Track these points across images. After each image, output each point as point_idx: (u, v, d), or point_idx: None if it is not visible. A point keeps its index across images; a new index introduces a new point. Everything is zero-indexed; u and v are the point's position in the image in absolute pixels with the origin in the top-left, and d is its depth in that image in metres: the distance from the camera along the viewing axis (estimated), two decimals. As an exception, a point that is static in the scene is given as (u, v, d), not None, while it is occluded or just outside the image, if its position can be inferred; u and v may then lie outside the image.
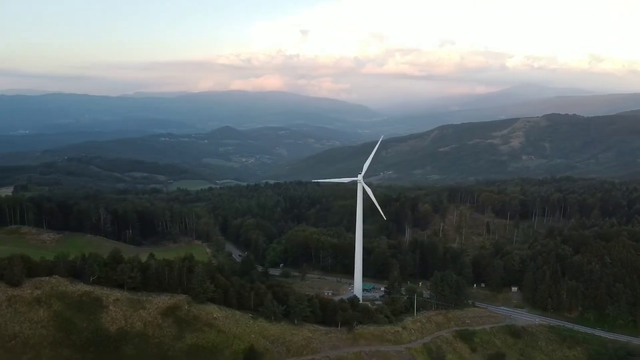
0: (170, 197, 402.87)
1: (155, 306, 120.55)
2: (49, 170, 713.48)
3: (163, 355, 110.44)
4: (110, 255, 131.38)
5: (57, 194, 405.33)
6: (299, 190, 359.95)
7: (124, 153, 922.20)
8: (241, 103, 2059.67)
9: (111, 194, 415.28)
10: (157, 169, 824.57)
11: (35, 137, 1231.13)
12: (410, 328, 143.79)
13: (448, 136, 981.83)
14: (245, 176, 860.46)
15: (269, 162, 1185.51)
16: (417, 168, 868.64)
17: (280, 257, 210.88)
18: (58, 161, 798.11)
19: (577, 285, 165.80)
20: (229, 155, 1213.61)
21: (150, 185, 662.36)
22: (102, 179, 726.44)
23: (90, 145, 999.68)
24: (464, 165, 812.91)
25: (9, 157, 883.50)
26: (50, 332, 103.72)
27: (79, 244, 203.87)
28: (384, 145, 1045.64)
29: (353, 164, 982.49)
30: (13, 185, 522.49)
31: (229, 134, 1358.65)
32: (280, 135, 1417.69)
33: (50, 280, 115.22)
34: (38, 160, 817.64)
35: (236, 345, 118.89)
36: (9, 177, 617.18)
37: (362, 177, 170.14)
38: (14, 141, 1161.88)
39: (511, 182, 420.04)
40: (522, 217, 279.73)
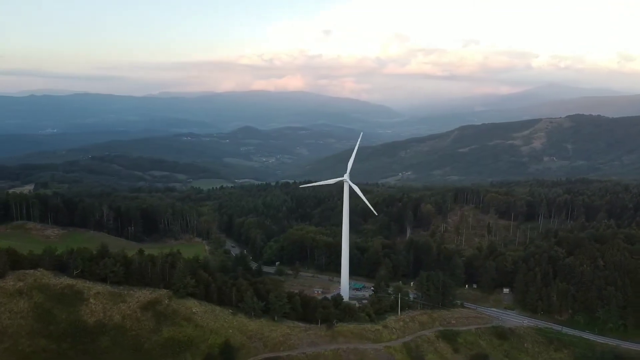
0: (183, 195, 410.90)
1: (136, 300, 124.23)
2: (72, 168, 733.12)
3: (139, 348, 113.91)
4: (98, 250, 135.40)
5: (74, 191, 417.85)
6: (307, 189, 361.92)
7: (146, 152, 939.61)
8: (263, 103, 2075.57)
9: (124, 191, 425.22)
10: (177, 168, 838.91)
11: (62, 136, 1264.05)
12: (391, 327, 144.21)
13: (468, 137, 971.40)
14: (264, 176, 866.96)
15: (290, 162, 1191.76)
16: (436, 169, 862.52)
17: (276, 255, 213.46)
18: (81, 160, 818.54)
19: (568, 288, 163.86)
20: (249, 154, 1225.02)
21: (170, 184, 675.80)
22: (123, 177, 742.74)
23: (114, 144, 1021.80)
24: (483, 166, 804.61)
25: (36, 156, 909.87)
26: (29, 323, 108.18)
27: (81, 239, 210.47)
28: (404, 145, 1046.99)
29: (372, 164, 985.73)
30: (36, 182, 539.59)
31: (250, 133, 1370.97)
32: (301, 135, 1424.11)
33: (35, 273, 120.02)
34: (63, 158, 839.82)
35: (212, 339, 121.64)
36: (33, 175, 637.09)
37: (348, 176, 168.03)
38: (41, 140, 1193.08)
39: (525, 184, 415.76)
40: (529, 219, 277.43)
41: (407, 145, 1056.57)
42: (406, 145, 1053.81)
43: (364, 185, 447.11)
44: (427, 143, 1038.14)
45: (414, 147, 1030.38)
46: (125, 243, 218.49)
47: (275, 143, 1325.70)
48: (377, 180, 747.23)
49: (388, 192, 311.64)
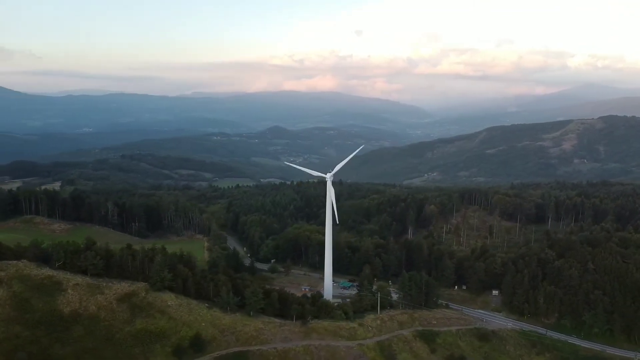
0: (199, 193, 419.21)
1: (114, 292, 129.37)
2: (101, 166, 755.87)
3: (110, 337, 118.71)
4: (84, 243, 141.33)
5: (96, 188, 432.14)
6: (318, 189, 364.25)
7: (177, 151, 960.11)
8: (293, 103, 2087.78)
9: (144, 189, 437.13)
10: (204, 166, 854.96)
11: (97, 135, 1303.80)
12: (367, 325, 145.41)
13: (497, 138, 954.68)
14: (290, 175, 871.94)
15: (317, 162, 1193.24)
16: (463, 170, 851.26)
17: (272, 253, 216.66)
18: (111, 158, 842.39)
19: (555, 291, 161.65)
20: (277, 154, 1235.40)
21: (196, 182, 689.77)
22: (151, 175, 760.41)
23: (146, 143, 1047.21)
24: (511, 168, 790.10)
25: (71, 154, 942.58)
26: (6, 311, 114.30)
27: (85, 234, 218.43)
28: (430, 146, 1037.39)
29: (398, 165, 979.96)
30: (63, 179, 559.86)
31: (279, 133, 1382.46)
32: (329, 135, 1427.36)
33: (17, 264, 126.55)
34: (96, 156, 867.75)
35: (184, 332, 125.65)
36: (64, 172, 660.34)
37: (332, 175, 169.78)
38: (78, 139, 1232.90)
39: (546, 186, 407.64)
40: (538, 221, 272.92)
41: (434, 146, 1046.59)
42: (433, 146, 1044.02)
43: (379, 185, 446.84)
44: (454, 144, 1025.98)
45: (441, 148, 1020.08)
46: (128, 238, 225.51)
47: (304, 143, 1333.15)
48: (402, 181, 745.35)
49: (394, 193, 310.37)
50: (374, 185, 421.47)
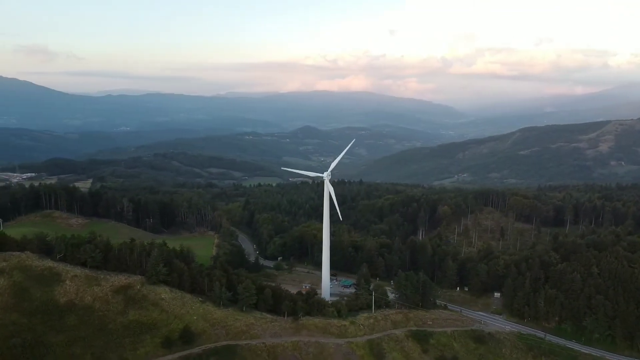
0: (222, 191, 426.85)
1: (110, 284, 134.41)
2: (134, 164, 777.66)
3: (103, 328, 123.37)
4: (87, 237, 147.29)
5: (124, 185, 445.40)
6: (337, 188, 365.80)
7: (209, 150, 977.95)
8: (326, 103, 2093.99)
9: (170, 186, 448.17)
10: (234, 165, 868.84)
11: (134, 134, 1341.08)
12: (360, 324, 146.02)
13: (530, 139, 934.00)
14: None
15: (347, 162, 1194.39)
16: (494, 171, 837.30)
17: (279, 251, 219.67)
18: (144, 156, 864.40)
19: (556, 295, 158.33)
20: (308, 154, 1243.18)
21: (226, 181, 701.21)
22: (182, 173, 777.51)
23: (180, 142, 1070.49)
24: (544, 170, 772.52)
25: (107, 152, 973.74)
26: (4, 299, 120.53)
27: (101, 229, 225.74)
28: (462, 147, 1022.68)
29: (428, 165, 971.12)
30: (94, 177, 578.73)
31: (311, 133, 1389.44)
32: (361, 135, 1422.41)
33: (20, 255, 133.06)
34: (131, 155, 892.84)
35: (175, 324, 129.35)
36: (98, 170, 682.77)
37: (329, 174, 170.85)
38: (115, 137, 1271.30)
39: (574, 188, 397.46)
40: (557, 224, 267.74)
41: (466, 146, 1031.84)
42: (465, 147, 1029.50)
43: (401, 185, 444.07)
44: (486, 145, 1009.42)
45: (473, 148, 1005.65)
46: (142, 234, 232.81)
47: (335, 143, 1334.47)
48: (432, 182, 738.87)
49: (410, 193, 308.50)
50: (395, 185, 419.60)
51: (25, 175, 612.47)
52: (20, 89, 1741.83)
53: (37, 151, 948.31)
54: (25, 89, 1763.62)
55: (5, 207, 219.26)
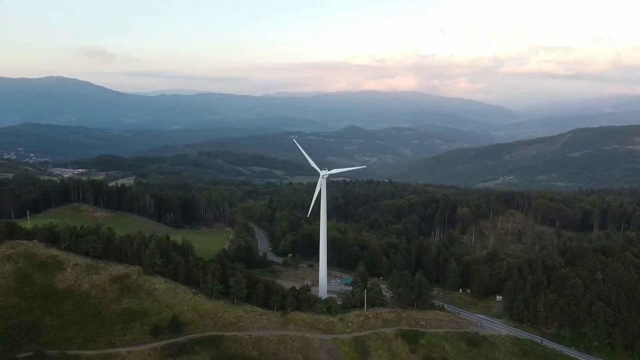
0: (254, 188, 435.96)
1: (109, 273, 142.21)
2: (180, 161, 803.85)
3: (96, 314, 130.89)
4: (93, 227, 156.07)
5: (163, 181, 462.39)
6: (363, 188, 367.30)
7: (255, 149, 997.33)
8: (373, 103, 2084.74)
9: (206, 183, 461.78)
10: (276, 164, 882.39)
11: (184, 132, 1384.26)
12: (349, 321, 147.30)
13: (581, 140, 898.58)
14: (363, 175, 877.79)
15: (391, 162, 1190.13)
16: (542, 174, 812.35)
17: (290, 248, 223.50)
18: (190, 154, 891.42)
19: (557, 300, 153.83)
20: (352, 154, 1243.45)
21: (267, 179, 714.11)
22: (225, 171, 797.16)
23: (227, 141, 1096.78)
24: (595, 173, 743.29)
25: (157, 149, 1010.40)
26: (8, 283, 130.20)
27: (123, 222, 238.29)
28: (509, 148, 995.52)
29: (473, 167, 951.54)
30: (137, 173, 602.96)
31: (356, 133, 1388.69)
32: (407, 135, 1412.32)
33: (28, 244, 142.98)
34: (179, 152, 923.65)
35: (165, 313, 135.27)
36: (144, 167, 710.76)
37: (327, 173, 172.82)
38: (166, 135, 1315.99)
39: (617, 192, 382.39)
40: (584, 228, 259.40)
41: (513, 148, 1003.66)
42: (512, 148, 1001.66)
43: (430, 186, 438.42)
44: (535, 146, 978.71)
45: (521, 150, 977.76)
46: (162, 228, 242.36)
47: (380, 143, 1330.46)
48: (475, 184, 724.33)
49: (431, 194, 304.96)
50: (425, 186, 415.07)
51: (77, 170, 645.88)
52: (81, 89, 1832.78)
53: (94, 148, 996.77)
54: (85, 89, 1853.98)
55: (38, 199, 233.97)
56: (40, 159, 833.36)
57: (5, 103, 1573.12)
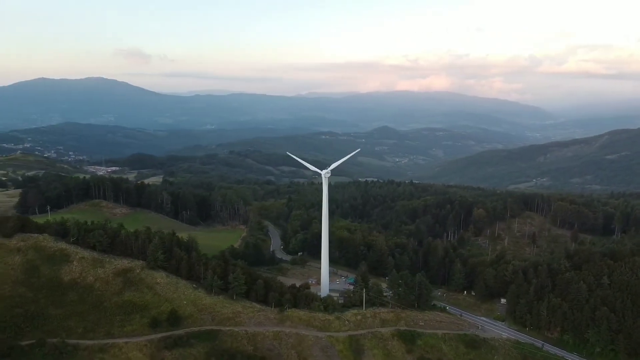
0: (276, 187, 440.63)
1: (113, 267, 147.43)
2: (210, 161, 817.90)
3: (98, 305, 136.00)
4: (101, 222, 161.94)
5: (189, 180, 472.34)
6: (383, 188, 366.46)
7: (286, 149, 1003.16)
8: (406, 103, 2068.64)
9: (231, 182, 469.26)
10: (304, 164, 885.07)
11: (217, 132, 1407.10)
12: (346, 319, 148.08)
13: (619, 142, 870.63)
14: (393, 175, 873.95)
15: (422, 163, 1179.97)
16: (576, 176, 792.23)
17: (300, 246, 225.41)
18: (220, 153, 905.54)
19: (560, 304, 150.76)
20: (383, 154, 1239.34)
21: (295, 179, 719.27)
22: (254, 171, 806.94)
23: (257, 141, 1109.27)
24: (633, 176, 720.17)
25: (191, 148, 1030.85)
26: (16, 274, 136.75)
27: (140, 218, 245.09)
28: (543, 150, 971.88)
29: (505, 168, 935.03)
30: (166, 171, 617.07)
31: (387, 133, 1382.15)
32: (439, 136, 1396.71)
33: (38, 237, 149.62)
34: (210, 152, 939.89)
35: (164, 307, 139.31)
36: (175, 165, 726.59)
37: (328, 172, 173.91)
38: (200, 135, 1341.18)
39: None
40: (605, 232, 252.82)
41: (547, 149, 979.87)
42: (546, 150, 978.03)
43: (453, 187, 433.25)
44: (570, 148, 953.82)
45: (555, 152, 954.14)
46: (177, 225, 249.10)
47: (411, 144, 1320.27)
48: (506, 186, 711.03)
49: (441, 196, 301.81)
50: (448, 187, 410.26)
51: (111, 168, 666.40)
52: (119, 89, 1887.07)
53: (130, 147, 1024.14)
54: (123, 89, 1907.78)
55: (60, 195, 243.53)
56: (78, 157, 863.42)
57: (48, 103, 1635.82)
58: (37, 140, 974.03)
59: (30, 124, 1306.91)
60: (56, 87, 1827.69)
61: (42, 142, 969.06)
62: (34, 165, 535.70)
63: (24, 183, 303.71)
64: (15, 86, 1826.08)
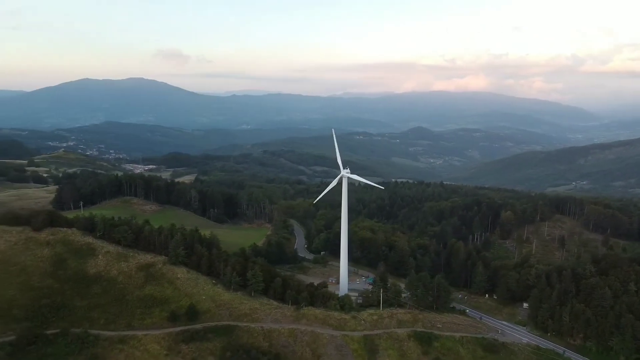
0: (306, 187, 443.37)
1: (136, 261, 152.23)
2: (244, 160, 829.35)
3: (121, 298, 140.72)
4: (127, 218, 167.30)
5: (221, 178, 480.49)
6: (412, 189, 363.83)
7: (320, 149, 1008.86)
8: (442, 104, 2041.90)
9: (259, 180, 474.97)
10: (337, 164, 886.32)
11: (253, 132, 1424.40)
12: (362, 319, 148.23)
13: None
14: (427, 177, 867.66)
15: (457, 164, 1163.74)
16: (619, 180, 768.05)
17: (323, 245, 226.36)
18: (255, 153, 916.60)
19: (583, 310, 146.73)
20: (417, 155, 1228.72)
21: (326, 179, 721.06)
22: (286, 170, 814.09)
23: (291, 141, 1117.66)
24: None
25: (226, 148, 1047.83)
26: (45, 265, 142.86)
27: (169, 215, 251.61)
28: (584, 152, 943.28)
29: (543, 170, 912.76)
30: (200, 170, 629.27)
31: (422, 134, 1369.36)
32: (475, 137, 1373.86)
33: (67, 231, 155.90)
34: (245, 151, 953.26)
35: (184, 301, 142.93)
36: (209, 164, 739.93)
37: (348, 171, 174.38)
38: (235, 134, 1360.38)
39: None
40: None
41: (588, 151, 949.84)
42: (587, 152, 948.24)
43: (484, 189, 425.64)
44: (613, 150, 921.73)
45: (597, 154, 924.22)
46: (204, 222, 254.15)
47: (446, 145, 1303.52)
48: (544, 188, 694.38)
49: (469, 197, 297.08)
50: (479, 189, 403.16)
51: (147, 166, 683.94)
52: (158, 89, 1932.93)
53: (167, 146, 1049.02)
54: (163, 89, 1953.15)
55: (94, 192, 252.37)
56: (118, 155, 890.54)
57: (92, 103, 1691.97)
58: (81, 139, 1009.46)
59: (74, 123, 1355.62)
60: (99, 88, 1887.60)
61: (85, 141, 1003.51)
62: (75, 163, 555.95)
63: (61, 180, 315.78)
64: (61, 87, 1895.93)
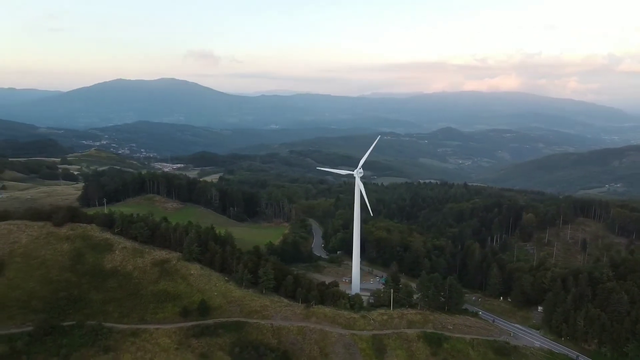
0: (328, 187, 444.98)
1: (151, 257, 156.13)
2: (270, 159, 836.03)
3: (135, 293, 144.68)
4: (145, 215, 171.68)
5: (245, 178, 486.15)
6: (434, 190, 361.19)
7: (345, 149, 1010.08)
8: (473, 104, 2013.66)
9: (285, 181, 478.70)
10: (364, 164, 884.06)
11: (281, 132, 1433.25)
12: (371, 318, 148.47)
13: None
14: (454, 178, 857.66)
15: (487, 166, 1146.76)
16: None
17: (339, 245, 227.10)
18: (282, 152, 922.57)
19: (598, 315, 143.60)
20: (445, 156, 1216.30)
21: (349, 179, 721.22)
22: (312, 170, 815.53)
23: (319, 141, 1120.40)
24: None
25: (254, 147, 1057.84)
26: (64, 259, 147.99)
27: (190, 213, 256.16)
28: (619, 154, 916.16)
29: (576, 173, 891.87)
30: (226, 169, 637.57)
31: (451, 135, 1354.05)
32: (506, 138, 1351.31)
33: (86, 227, 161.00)
34: (273, 151, 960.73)
35: (196, 297, 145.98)
36: (236, 164, 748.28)
37: (360, 171, 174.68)
38: (263, 134, 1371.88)
39: None
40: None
41: (624, 153, 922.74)
42: (622, 154, 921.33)
43: (510, 191, 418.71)
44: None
45: (632, 156, 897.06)
46: (224, 220, 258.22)
47: (476, 145, 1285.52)
48: (576, 191, 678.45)
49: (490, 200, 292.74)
50: (504, 190, 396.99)
51: (176, 165, 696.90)
52: (189, 89, 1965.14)
53: (197, 145, 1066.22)
54: (193, 89, 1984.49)
55: (118, 189, 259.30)
56: (148, 154, 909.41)
57: (125, 103, 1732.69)
58: (113, 138, 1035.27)
59: (107, 122, 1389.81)
60: (132, 88, 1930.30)
61: (118, 140, 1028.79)
62: (106, 161, 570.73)
63: (88, 178, 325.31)
64: (96, 87, 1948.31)
